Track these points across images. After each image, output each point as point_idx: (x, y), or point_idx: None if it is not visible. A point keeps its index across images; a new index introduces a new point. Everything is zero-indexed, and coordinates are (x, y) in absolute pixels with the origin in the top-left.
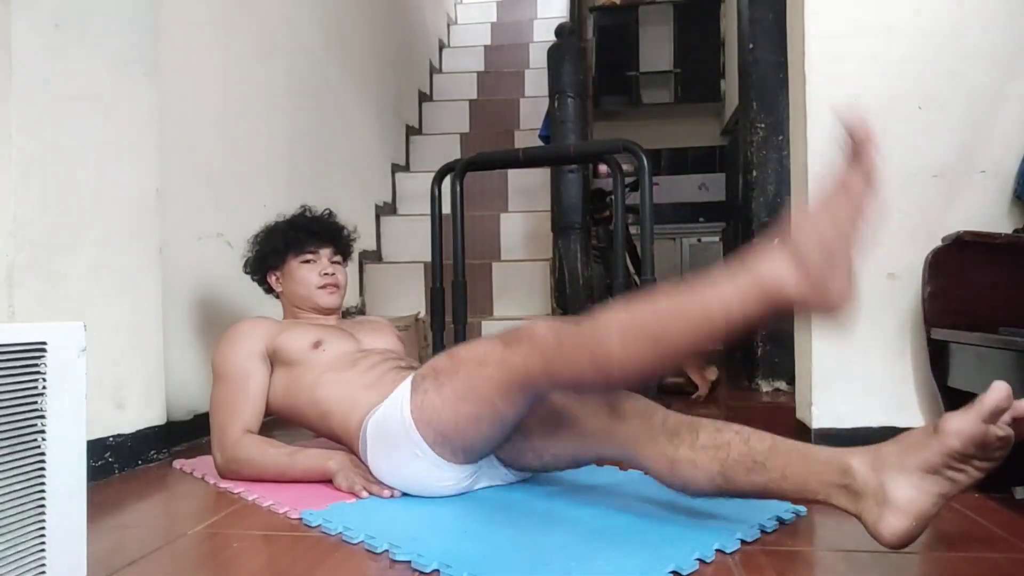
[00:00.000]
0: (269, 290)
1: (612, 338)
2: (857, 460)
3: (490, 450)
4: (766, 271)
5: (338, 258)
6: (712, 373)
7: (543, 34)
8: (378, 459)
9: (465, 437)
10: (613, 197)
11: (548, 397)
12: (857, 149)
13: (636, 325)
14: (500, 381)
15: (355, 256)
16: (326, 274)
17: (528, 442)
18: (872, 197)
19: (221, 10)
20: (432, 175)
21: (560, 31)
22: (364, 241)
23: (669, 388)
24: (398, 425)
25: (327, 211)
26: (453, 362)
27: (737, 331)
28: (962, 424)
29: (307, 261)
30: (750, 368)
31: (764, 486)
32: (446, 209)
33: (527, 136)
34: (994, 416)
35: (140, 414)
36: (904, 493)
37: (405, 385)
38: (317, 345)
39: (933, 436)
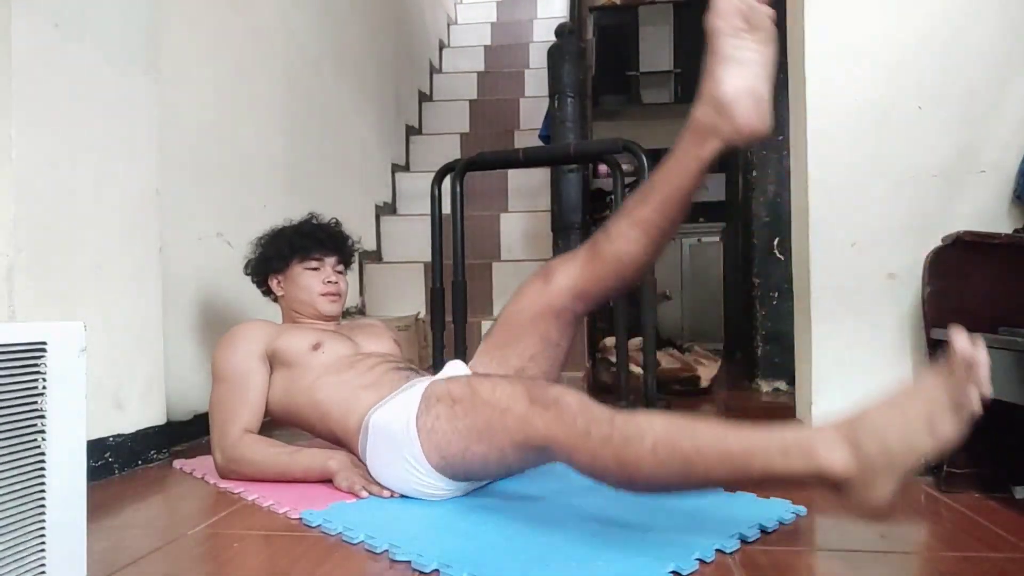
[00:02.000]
0: (267, 292)
1: (644, 450)
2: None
3: (492, 478)
4: (819, 445)
5: (341, 267)
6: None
7: (543, 34)
8: (376, 461)
9: (469, 469)
10: (613, 197)
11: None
12: (965, 371)
13: (672, 447)
14: (517, 438)
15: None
16: (329, 282)
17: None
18: (960, 423)
19: (221, 10)
20: (432, 175)
21: (560, 31)
22: (364, 241)
23: (668, 380)
24: (402, 437)
25: (334, 220)
26: (473, 399)
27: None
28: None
29: (311, 268)
30: (750, 368)
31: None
32: (446, 209)
33: (527, 136)
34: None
35: (140, 414)
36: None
37: (413, 396)
38: (316, 347)
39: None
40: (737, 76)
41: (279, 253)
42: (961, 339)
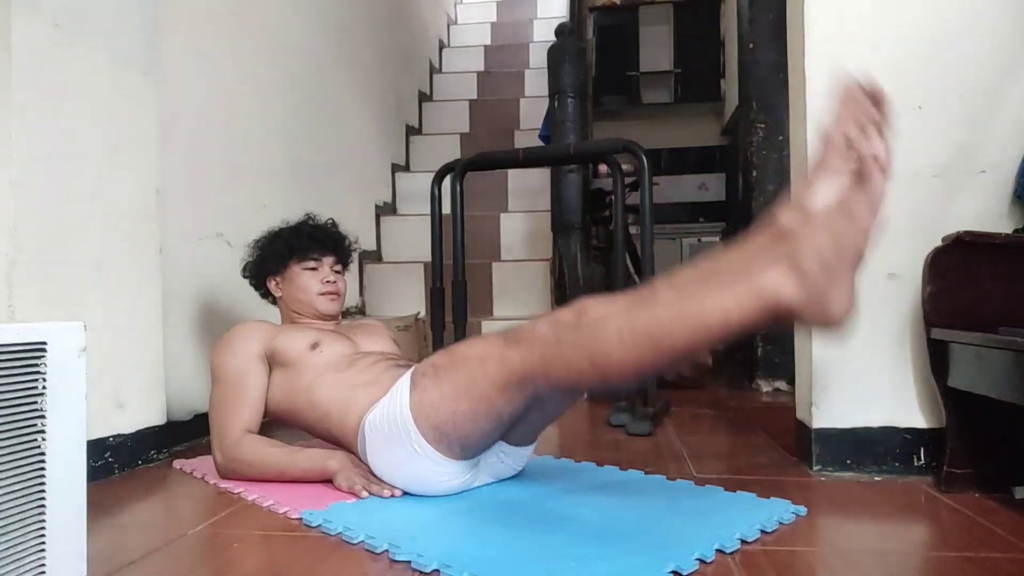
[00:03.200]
0: (266, 294)
1: (611, 340)
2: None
3: (488, 445)
4: (766, 283)
5: (339, 267)
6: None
7: (543, 34)
8: (377, 456)
9: (462, 432)
10: (613, 197)
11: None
12: (865, 171)
13: (634, 327)
14: (498, 379)
15: (355, 256)
16: (327, 282)
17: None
18: (881, 205)
19: (221, 10)
20: (432, 175)
21: (560, 31)
22: (364, 241)
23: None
24: (397, 421)
25: (330, 220)
26: (452, 359)
27: (735, 336)
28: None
29: (309, 268)
30: (750, 368)
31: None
32: (446, 209)
33: (527, 136)
34: (850, 97)
35: (140, 414)
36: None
37: (404, 381)
38: (314, 347)
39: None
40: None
41: (276, 254)
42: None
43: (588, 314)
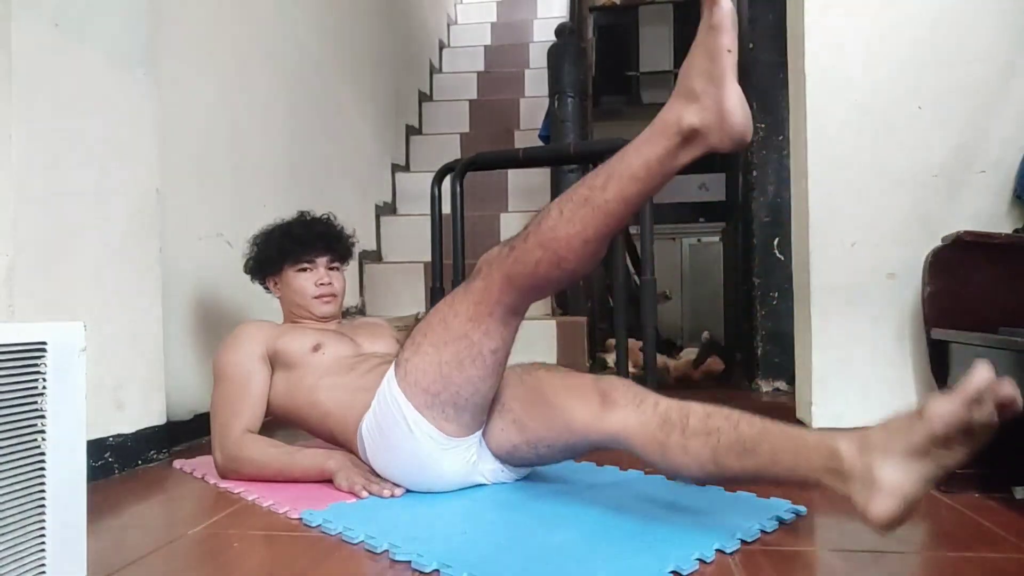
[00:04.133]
0: (269, 290)
1: (553, 218)
2: (845, 444)
3: (480, 404)
4: (668, 115)
5: (336, 264)
6: (717, 364)
7: (543, 34)
8: (377, 451)
9: (451, 385)
10: None
11: (519, 318)
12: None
13: (572, 199)
14: (469, 311)
15: (355, 256)
16: (322, 284)
17: (523, 436)
18: (731, 23)
19: (221, 10)
20: (432, 175)
21: (560, 31)
22: (364, 241)
23: (683, 376)
24: (388, 403)
25: (327, 215)
26: (426, 320)
27: (664, 179)
28: (945, 408)
29: (303, 269)
30: (750, 368)
31: (755, 471)
32: (446, 209)
33: (527, 136)
34: (977, 400)
35: (140, 414)
36: (891, 476)
37: (391, 369)
38: (316, 348)
39: (918, 420)
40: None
41: (269, 257)
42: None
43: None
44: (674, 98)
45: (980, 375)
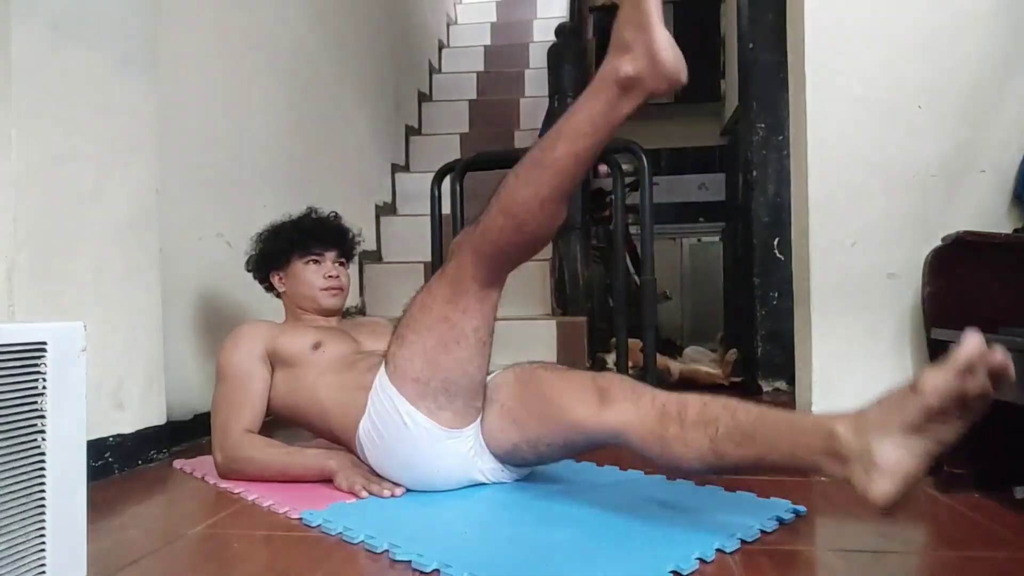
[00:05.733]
0: (270, 288)
1: (511, 184)
2: (842, 425)
3: (471, 386)
4: (605, 68)
5: (342, 261)
6: (732, 355)
7: (543, 34)
8: (375, 451)
9: (440, 371)
10: (613, 197)
11: (497, 292)
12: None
13: (526, 161)
14: (445, 293)
15: (359, 249)
16: (330, 276)
17: (523, 435)
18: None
19: (221, 10)
20: (432, 175)
21: (560, 31)
22: (364, 241)
23: (688, 378)
24: (382, 400)
25: (333, 213)
26: (407, 313)
27: (610, 131)
28: (938, 381)
29: (311, 262)
30: (750, 368)
31: (754, 459)
32: (446, 209)
33: (527, 136)
34: (970, 369)
35: (140, 414)
36: (889, 455)
37: (381, 367)
38: (317, 346)
39: (912, 395)
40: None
41: (279, 249)
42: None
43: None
44: (609, 52)
45: (970, 344)
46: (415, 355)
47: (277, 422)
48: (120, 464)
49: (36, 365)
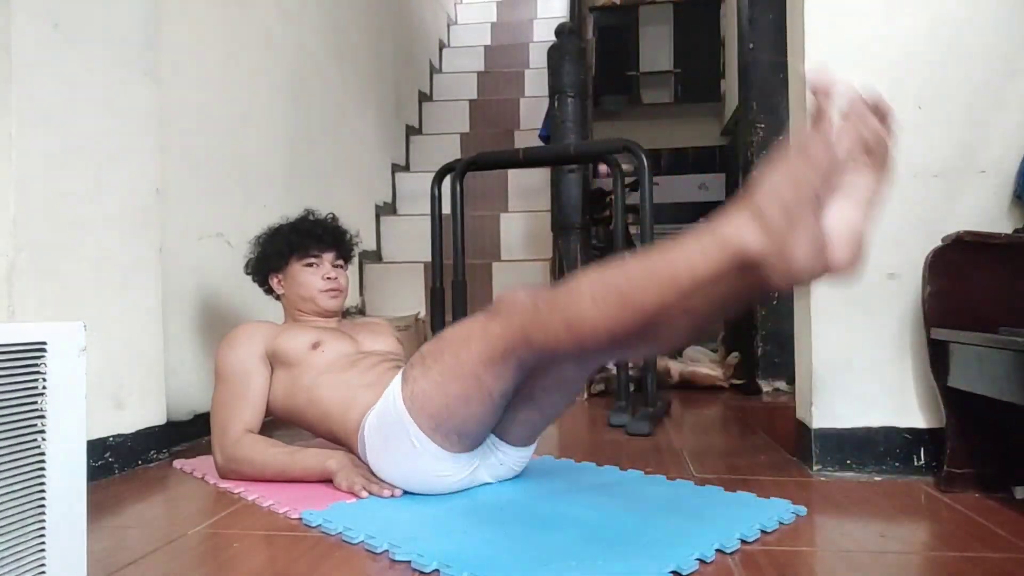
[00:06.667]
0: (269, 291)
1: (584, 299)
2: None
3: (484, 432)
4: (727, 229)
5: (340, 262)
6: (734, 359)
7: (543, 34)
8: (377, 456)
9: (456, 418)
10: (613, 197)
11: (531, 374)
12: (820, 112)
13: (606, 286)
14: (483, 354)
15: (355, 256)
16: (328, 278)
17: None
18: (835, 162)
19: (221, 10)
20: (432, 175)
21: (560, 31)
22: (364, 241)
23: (687, 379)
24: (393, 418)
25: (330, 215)
26: (439, 345)
27: (708, 295)
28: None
29: (310, 264)
30: (750, 368)
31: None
32: (446, 209)
33: (527, 136)
34: (820, 116)
35: (140, 414)
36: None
37: (397, 378)
38: (316, 346)
39: (805, 165)
40: (844, 210)
41: (277, 251)
42: (817, 82)
43: (566, 282)
44: (742, 214)
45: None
46: (435, 395)
47: (277, 422)
48: (120, 464)
49: (36, 365)
